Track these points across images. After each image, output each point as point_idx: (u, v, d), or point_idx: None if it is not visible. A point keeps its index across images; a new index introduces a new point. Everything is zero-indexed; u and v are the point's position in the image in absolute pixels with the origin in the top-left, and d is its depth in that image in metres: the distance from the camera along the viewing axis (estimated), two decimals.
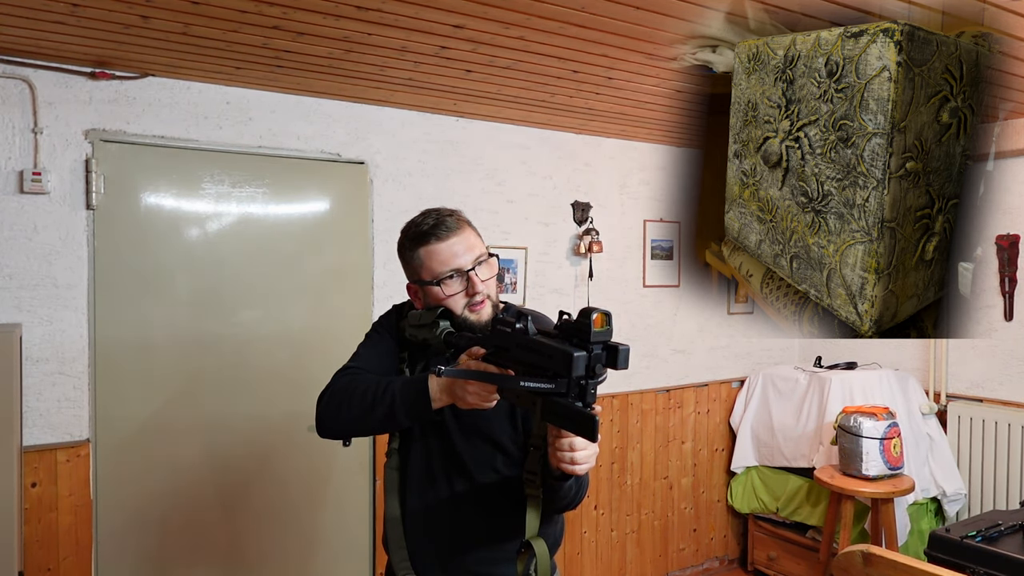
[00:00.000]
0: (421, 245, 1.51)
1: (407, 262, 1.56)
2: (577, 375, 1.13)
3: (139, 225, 2.63)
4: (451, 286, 1.49)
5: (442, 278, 1.49)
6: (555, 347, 1.15)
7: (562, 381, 1.15)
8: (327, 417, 1.51)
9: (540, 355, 1.19)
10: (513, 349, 1.25)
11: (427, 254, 1.50)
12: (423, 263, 1.51)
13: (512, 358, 1.25)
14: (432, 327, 1.49)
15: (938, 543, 2.74)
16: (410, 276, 1.57)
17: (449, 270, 1.49)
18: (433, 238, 1.49)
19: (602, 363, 1.15)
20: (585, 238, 3.61)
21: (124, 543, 2.63)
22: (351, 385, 1.48)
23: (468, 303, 1.50)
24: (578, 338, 1.15)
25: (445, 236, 1.49)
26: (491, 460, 1.53)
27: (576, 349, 1.13)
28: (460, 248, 1.49)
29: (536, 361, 1.19)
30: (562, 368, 1.13)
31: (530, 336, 1.22)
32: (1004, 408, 3.45)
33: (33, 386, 2.47)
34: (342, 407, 1.48)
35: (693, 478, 4.11)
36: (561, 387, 1.15)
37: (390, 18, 2.06)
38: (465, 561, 1.54)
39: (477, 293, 1.49)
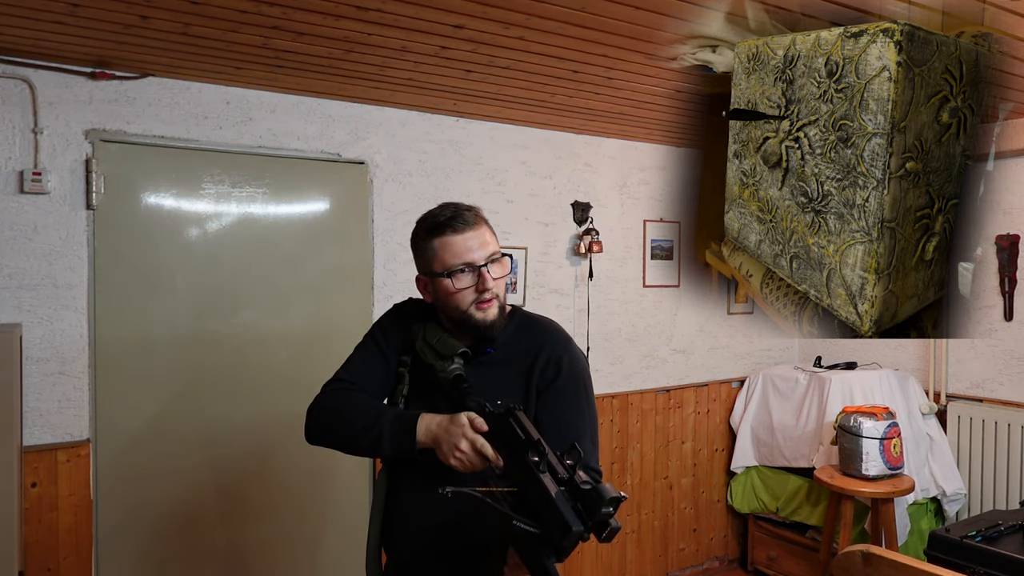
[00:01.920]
0: (436, 236, 1.49)
1: (420, 252, 1.55)
2: (565, 544, 1.11)
3: (139, 225, 2.63)
4: (462, 280, 1.47)
5: (453, 271, 1.47)
6: (559, 508, 1.12)
7: (548, 535, 1.13)
8: (316, 432, 1.52)
9: (539, 499, 1.15)
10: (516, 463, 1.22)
11: (441, 245, 1.48)
12: (436, 254, 1.49)
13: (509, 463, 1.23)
14: (447, 360, 1.48)
15: (938, 543, 2.74)
16: (421, 267, 1.56)
17: (462, 263, 1.47)
18: (449, 230, 1.48)
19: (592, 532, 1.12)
20: (585, 238, 3.61)
21: (124, 543, 2.63)
22: (342, 405, 1.49)
23: (476, 299, 1.48)
24: (583, 504, 1.12)
25: (461, 229, 1.48)
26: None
27: (577, 523, 1.10)
28: (475, 243, 1.48)
29: (533, 498, 1.16)
30: (555, 530, 1.11)
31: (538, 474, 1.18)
32: (1004, 408, 3.45)
33: (33, 386, 2.47)
34: (331, 426, 1.49)
35: (693, 478, 4.11)
36: (544, 539, 1.13)
37: (390, 18, 2.06)
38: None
39: (487, 290, 1.48)
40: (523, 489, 1.20)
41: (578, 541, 1.11)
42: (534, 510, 1.16)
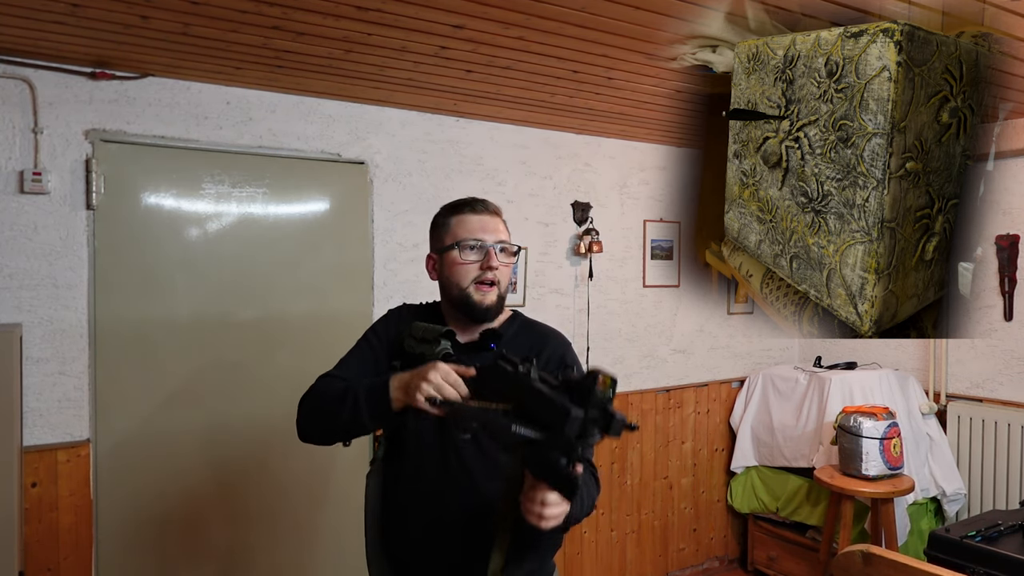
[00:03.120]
0: (455, 214, 1.59)
1: (436, 229, 1.63)
2: (570, 434, 1.11)
3: (139, 225, 2.63)
4: (468, 254, 1.55)
5: (463, 243, 1.54)
6: (554, 399, 1.13)
7: (553, 435, 1.13)
8: (302, 422, 1.55)
9: (536, 402, 1.16)
10: (510, 388, 1.22)
11: (458, 221, 1.58)
12: (451, 229, 1.58)
13: (504, 396, 1.23)
14: (433, 344, 1.49)
15: (938, 543, 2.74)
16: (434, 244, 1.63)
17: (473, 239, 1.55)
18: (468, 208, 1.59)
19: (597, 427, 1.12)
20: (585, 238, 3.61)
21: (124, 543, 2.63)
22: (321, 389, 1.51)
23: (478, 277, 1.53)
24: (579, 395, 1.12)
25: (480, 211, 1.59)
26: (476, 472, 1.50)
27: (575, 407, 1.10)
28: (490, 226, 1.58)
29: (531, 406, 1.17)
30: (556, 422, 1.11)
31: (531, 381, 1.19)
32: (1004, 408, 3.45)
33: (33, 386, 2.47)
34: (313, 412, 1.51)
35: (693, 478, 4.11)
36: (549, 441, 1.13)
37: (390, 18, 2.06)
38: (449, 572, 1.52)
39: (490, 268, 1.54)
40: (521, 404, 1.19)
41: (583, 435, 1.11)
42: (535, 420, 1.16)
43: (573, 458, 1.13)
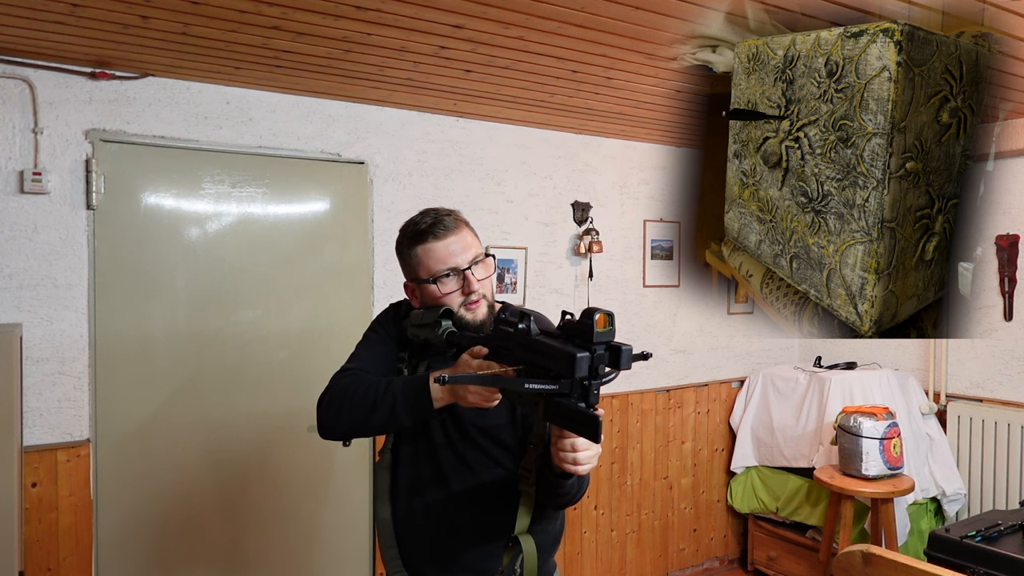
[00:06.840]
0: (419, 243, 1.53)
1: (405, 260, 1.58)
2: (580, 376, 1.12)
3: (139, 225, 2.63)
4: (447, 284, 1.51)
5: (438, 276, 1.51)
6: (558, 348, 1.15)
7: (565, 382, 1.14)
8: (328, 419, 1.52)
9: (543, 355, 1.18)
10: (515, 349, 1.25)
11: (424, 252, 1.52)
12: (420, 261, 1.52)
13: (514, 358, 1.25)
14: (434, 327, 1.49)
15: (938, 543, 2.74)
16: (407, 274, 1.59)
17: (446, 268, 1.50)
18: (431, 236, 1.51)
19: (605, 363, 1.15)
20: (585, 238, 3.61)
21: (124, 543, 2.63)
22: (351, 386, 1.49)
23: (464, 302, 1.52)
24: (581, 339, 1.15)
25: (442, 235, 1.51)
26: (490, 456, 1.53)
27: (579, 350, 1.12)
28: (457, 247, 1.51)
29: (539, 361, 1.19)
30: (565, 369, 1.13)
31: (532, 336, 1.22)
32: (1004, 408, 3.45)
33: (33, 386, 2.47)
34: (343, 409, 1.48)
35: (693, 478, 4.11)
36: (564, 388, 1.15)
37: (390, 18, 2.06)
38: (461, 558, 1.55)
39: (473, 292, 1.51)
40: (529, 361, 1.22)
41: (594, 374, 1.13)
42: (546, 372, 1.18)
43: (590, 400, 1.15)
